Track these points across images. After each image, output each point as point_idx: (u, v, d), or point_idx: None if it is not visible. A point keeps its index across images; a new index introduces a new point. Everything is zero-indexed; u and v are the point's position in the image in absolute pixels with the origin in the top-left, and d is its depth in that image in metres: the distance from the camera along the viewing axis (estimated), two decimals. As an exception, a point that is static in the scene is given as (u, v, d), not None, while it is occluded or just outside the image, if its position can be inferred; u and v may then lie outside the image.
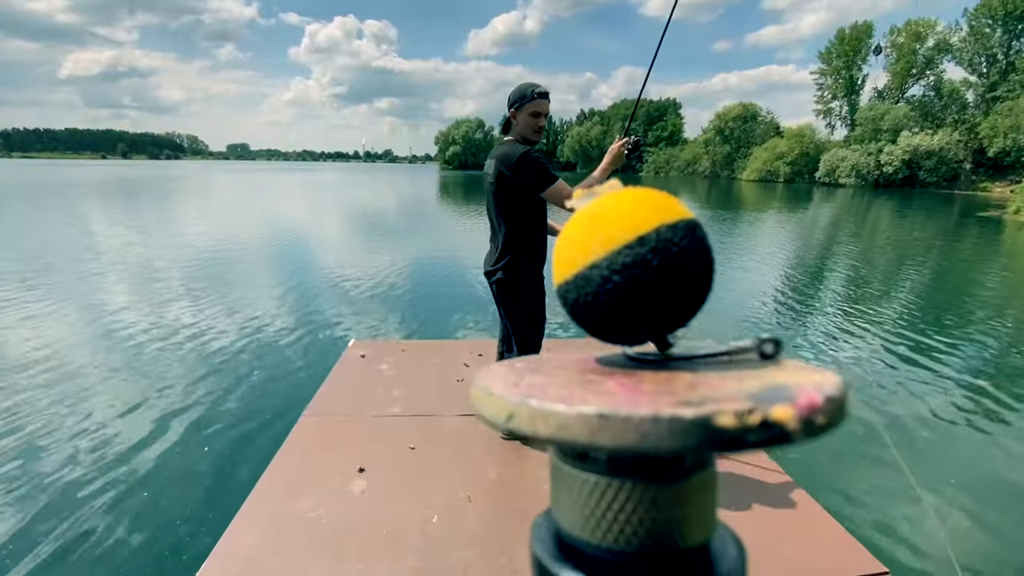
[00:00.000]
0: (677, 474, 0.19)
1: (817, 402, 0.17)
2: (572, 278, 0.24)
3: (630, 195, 0.24)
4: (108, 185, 32.99)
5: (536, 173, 2.08)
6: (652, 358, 0.25)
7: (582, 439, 0.17)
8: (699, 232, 0.24)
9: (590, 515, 0.20)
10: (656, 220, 0.23)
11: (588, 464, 0.20)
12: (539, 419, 0.18)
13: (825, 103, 58.39)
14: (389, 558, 1.76)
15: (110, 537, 2.30)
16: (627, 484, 0.19)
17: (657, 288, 0.23)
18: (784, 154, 53.37)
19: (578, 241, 0.24)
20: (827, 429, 0.17)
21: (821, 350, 4.84)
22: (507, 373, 0.22)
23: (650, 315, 0.23)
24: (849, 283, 7.91)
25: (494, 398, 0.20)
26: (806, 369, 0.21)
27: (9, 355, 4.42)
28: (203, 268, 8.11)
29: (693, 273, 0.23)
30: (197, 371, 4.11)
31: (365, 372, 3.26)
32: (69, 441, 3.07)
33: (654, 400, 0.18)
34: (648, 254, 0.23)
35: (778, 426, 0.16)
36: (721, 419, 0.16)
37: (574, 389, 0.20)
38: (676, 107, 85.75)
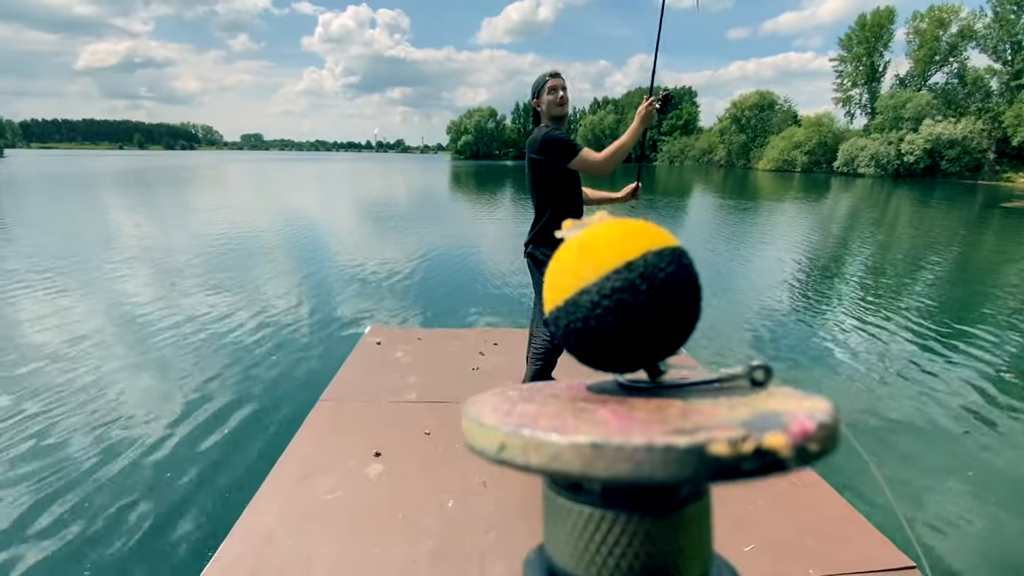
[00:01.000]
0: (672, 505, 0.19)
1: (810, 429, 0.17)
2: (563, 304, 0.24)
3: (618, 225, 0.25)
4: (127, 175, 33.43)
5: (559, 148, 2.20)
6: (644, 385, 0.25)
7: (575, 469, 0.17)
8: (685, 259, 0.24)
9: (584, 549, 0.19)
10: (643, 247, 0.24)
11: (581, 496, 0.20)
12: (531, 450, 0.18)
13: (845, 91, 57.10)
14: (405, 541, 1.77)
15: (132, 514, 2.33)
16: (622, 516, 0.19)
17: (645, 313, 0.23)
18: (802, 143, 52.38)
19: (568, 268, 0.24)
20: (820, 456, 0.17)
21: (839, 342, 4.75)
22: (499, 402, 0.22)
23: (639, 340, 0.23)
24: (869, 274, 7.76)
25: (485, 429, 0.19)
26: (796, 396, 0.21)
27: (35, 341, 4.50)
28: (223, 256, 8.19)
29: (680, 298, 0.23)
30: (218, 356, 4.15)
31: (381, 359, 3.27)
32: (93, 422, 3.12)
33: (647, 429, 0.18)
34: (636, 279, 0.23)
35: (772, 454, 0.16)
36: (715, 447, 0.16)
37: (566, 418, 0.19)
38: (691, 95, 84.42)
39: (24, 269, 7.01)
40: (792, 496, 2.01)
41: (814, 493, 2.04)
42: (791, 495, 2.01)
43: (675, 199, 20.60)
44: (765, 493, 2.01)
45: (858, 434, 3.15)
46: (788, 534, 1.81)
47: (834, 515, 1.92)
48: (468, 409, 0.21)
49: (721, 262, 8.31)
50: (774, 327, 5.13)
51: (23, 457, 2.76)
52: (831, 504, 1.98)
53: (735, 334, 4.91)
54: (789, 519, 1.88)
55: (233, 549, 1.71)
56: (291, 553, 1.71)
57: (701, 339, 4.77)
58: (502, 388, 0.25)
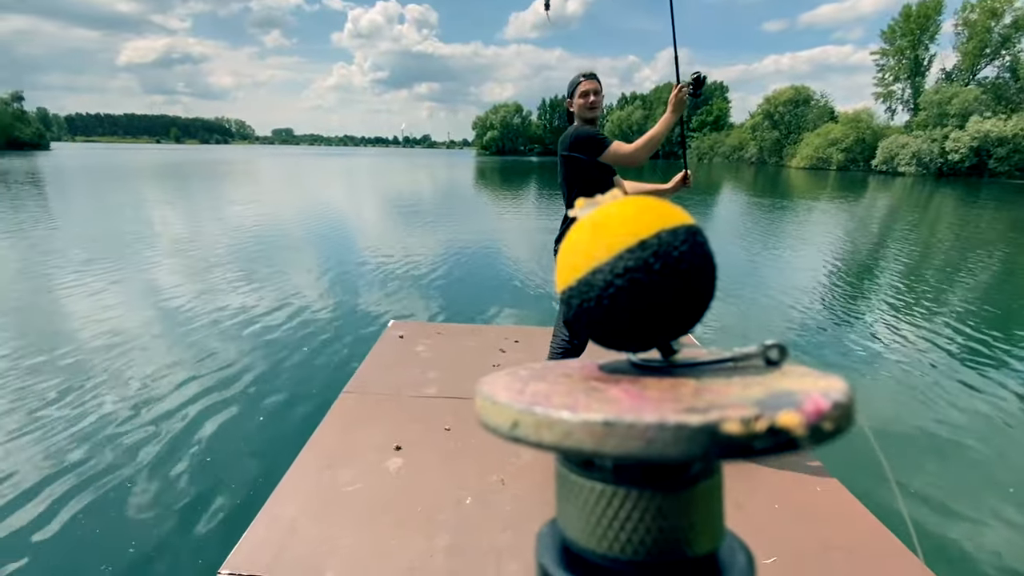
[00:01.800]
0: (683, 482, 0.19)
1: (824, 408, 0.17)
2: (575, 284, 0.24)
3: (632, 202, 0.25)
4: (165, 168, 34.56)
5: (589, 143, 2.23)
6: (656, 364, 0.25)
7: (587, 447, 0.17)
8: (700, 237, 0.24)
9: (596, 524, 0.20)
10: (657, 225, 0.23)
11: (594, 472, 0.20)
12: (544, 427, 0.18)
13: (886, 86, 54.90)
14: (423, 535, 1.79)
15: (157, 499, 2.43)
16: (633, 492, 0.19)
17: (659, 291, 0.23)
18: (838, 140, 50.65)
19: (581, 247, 0.24)
20: (835, 435, 0.17)
21: (871, 348, 4.60)
22: (511, 381, 0.23)
23: (653, 319, 0.23)
24: (907, 276, 7.47)
25: (499, 406, 0.20)
26: (812, 375, 0.21)
27: (77, 325, 4.71)
28: (252, 249, 8.41)
29: (694, 276, 0.23)
30: (245, 346, 4.27)
31: (403, 352, 3.31)
32: (125, 404, 3.25)
33: (659, 407, 0.18)
34: (650, 258, 0.23)
35: (785, 432, 0.16)
36: (727, 426, 0.16)
37: (578, 396, 0.20)
38: (723, 91, 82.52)
39: (68, 257, 7.33)
40: (815, 506, 1.96)
41: (838, 504, 1.98)
42: (814, 505, 1.96)
43: (705, 197, 20.20)
44: (787, 503, 1.97)
45: (886, 443, 3.05)
46: (813, 547, 1.76)
47: (859, 527, 1.86)
48: (481, 388, 0.22)
49: (752, 262, 8.12)
50: (805, 329, 5.00)
51: (61, 435, 2.90)
52: (856, 516, 1.92)
53: (764, 335, 4.80)
54: (813, 531, 1.84)
55: (258, 535, 1.77)
56: (313, 541, 1.75)
57: (727, 340, 4.68)
58: (515, 368, 0.25)
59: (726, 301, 5.92)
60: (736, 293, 6.26)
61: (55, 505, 2.38)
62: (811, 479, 2.11)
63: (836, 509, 1.95)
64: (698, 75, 2.16)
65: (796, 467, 2.18)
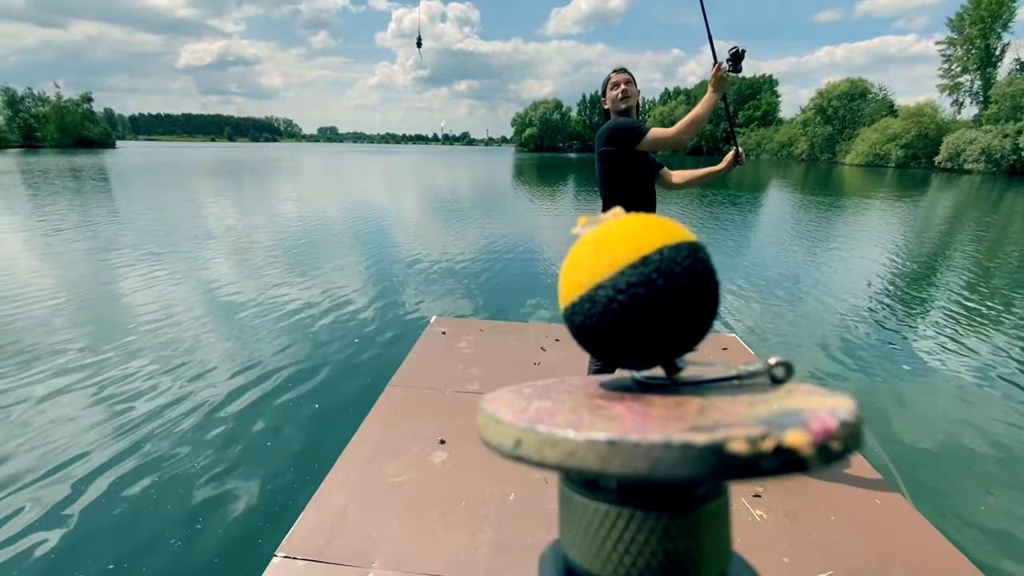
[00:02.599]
0: (690, 503, 0.19)
1: (832, 427, 0.16)
2: (578, 300, 0.24)
3: (633, 219, 0.25)
4: (220, 165, 36.23)
5: (626, 134, 2.20)
6: (661, 382, 0.25)
7: (592, 466, 0.17)
8: (702, 253, 0.24)
9: (600, 546, 0.19)
10: (659, 241, 0.23)
11: (598, 493, 0.19)
12: (547, 446, 0.18)
13: (952, 77, 51.46)
14: (467, 529, 1.82)
15: (219, 482, 2.56)
16: (638, 514, 0.19)
17: (662, 308, 0.23)
18: (898, 135, 47.88)
19: (584, 264, 0.24)
20: (843, 455, 0.16)
21: (933, 357, 4.34)
22: (514, 398, 0.22)
23: (656, 336, 0.23)
24: (971, 283, 7.01)
25: (501, 425, 0.19)
26: (818, 393, 0.20)
27: (142, 318, 5.01)
28: (304, 244, 8.72)
29: (697, 292, 0.23)
30: (297, 338, 4.44)
31: (446, 348, 3.36)
32: (183, 394, 3.44)
33: (664, 426, 0.17)
34: (652, 274, 0.23)
35: (792, 452, 0.16)
36: (733, 445, 0.16)
37: (582, 414, 0.19)
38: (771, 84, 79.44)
39: (138, 250, 7.80)
40: (875, 520, 1.87)
41: (900, 518, 1.89)
42: (873, 518, 1.88)
43: (751, 194, 19.54)
44: (844, 515, 1.89)
45: (952, 460, 2.89)
46: (872, 562, 1.69)
47: (922, 544, 1.77)
48: (484, 406, 0.21)
49: (804, 264, 7.81)
50: (857, 338, 4.78)
51: (129, 417, 3.10)
52: (919, 531, 1.83)
53: (810, 340, 4.61)
54: (871, 545, 1.76)
55: (311, 520, 1.84)
56: (362, 529, 1.81)
57: (774, 343, 4.52)
58: (518, 385, 0.25)
59: (776, 306, 5.72)
60: (787, 298, 6.04)
61: (126, 482, 2.55)
62: (870, 491, 2.02)
63: (897, 523, 1.86)
64: (736, 50, 2.11)
65: (855, 479, 2.10)
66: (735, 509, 1.92)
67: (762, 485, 2.04)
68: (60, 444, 2.85)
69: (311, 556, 1.69)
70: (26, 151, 60.52)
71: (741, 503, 1.95)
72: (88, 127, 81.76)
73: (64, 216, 11.12)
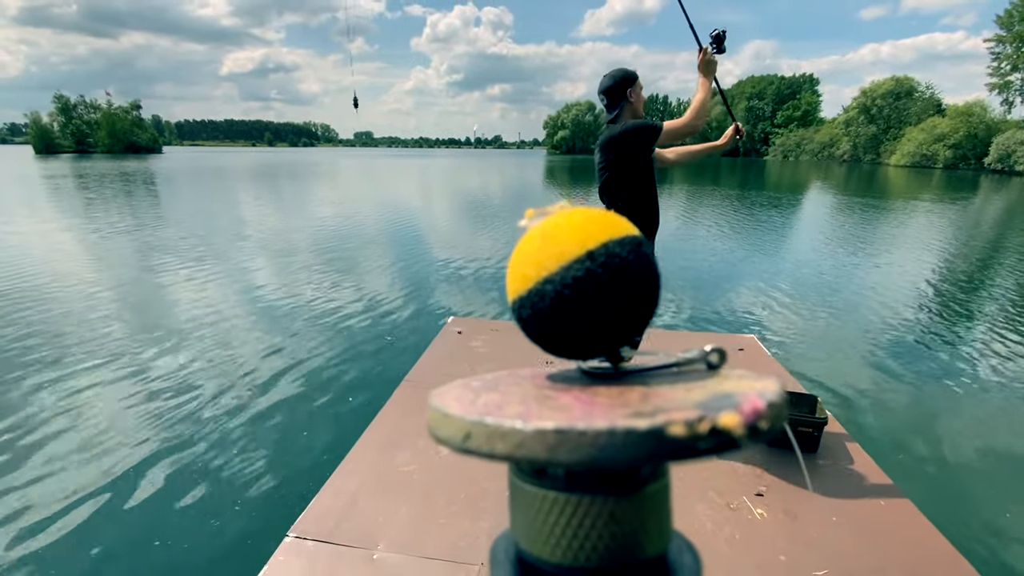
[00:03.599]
0: (633, 486, 0.20)
1: (760, 408, 0.17)
2: (526, 293, 0.25)
3: (579, 214, 0.25)
4: (261, 169, 37.61)
5: (646, 134, 2.23)
6: (606, 372, 0.25)
7: (540, 456, 0.17)
8: (645, 247, 0.25)
9: (550, 533, 0.20)
10: (604, 236, 0.24)
11: (546, 481, 0.20)
12: (496, 438, 0.18)
13: (1002, 75, 48.89)
14: (468, 517, 1.89)
15: (237, 465, 2.71)
16: (585, 499, 0.19)
17: (607, 301, 0.23)
18: (945, 135, 45.80)
19: (531, 257, 0.25)
20: (769, 433, 0.17)
21: (960, 367, 4.18)
22: (462, 391, 0.23)
23: (601, 327, 0.24)
24: (1016, 290, 6.68)
25: (450, 419, 0.20)
26: (749, 377, 0.21)
27: (176, 313, 5.30)
28: (335, 246, 9.00)
29: (640, 286, 0.24)
30: (318, 334, 4.62)
31: (460, 347, 3.46)
32: (208, 383, 3.64)
33: (609, 413, 0.18)
34: (598, 268, 0.23)
35: (726, 433, 0.17)
36: (673, 429, 0.16)
37: (531, 405, 0.20)
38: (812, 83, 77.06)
39: (174, 250, 8.23)
40: (877, 522, 1.86)
41: (904, 521, 1.87)
42: (876, 520, 1.86)
43: (791, 195, 19.02)
44: (846, 516, 1.88)
45: (978, 475, 2.79)
46: (872, 563, 1.68)
47: (923, 547, 1.75)
48: (432, 400, 0.21)
49: (838, 267, 7.59)
50: (882, 341, 4.64)
51: (156, 404, 3.31)
52: (923, 535, 1.80)
53: (837, 344, 4.50)
54: (870, 546, 1.75)
55: (323, 503, 1.95)
56: (371, 513, 1.91)
57: (801, 347, 4.44)
58: (466, 379, 0.25)
59: (805, 309, 5.60)
60: (818, 301, 5.90)
61: (155, 462, 2.73)
62: (876, 494, 2.00)
63: (900, 526, 1.84)
64: (716, 32, 2.22)
65: (861, 481, 2.07)
66: (736, 508, 1.93)
67: (765, 484, 2.05)
68: (102, 424, 3.07)
69: (321, 537, 1.79)
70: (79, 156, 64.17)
71: (742, 501, 1.96)
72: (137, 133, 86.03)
73: (119, 217, 11.79)
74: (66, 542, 2.22)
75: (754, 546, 1.75)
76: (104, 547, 2.19)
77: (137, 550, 2.17)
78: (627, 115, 2.31)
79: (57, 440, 2.95)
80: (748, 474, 2.12)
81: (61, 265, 7.17)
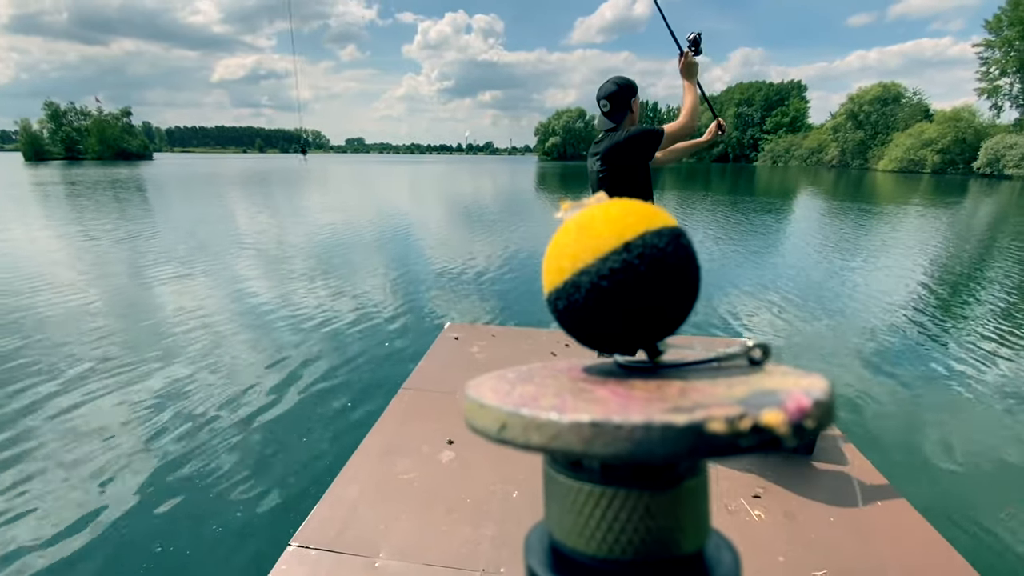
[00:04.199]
0: (670, 481, 0.19)
1: (806, 406, 0.17)
2: (562, 286, 0.24)
3: (616, 205, 0.25)
4: (251, 175, 37.44)
5: (650, 139, 2.27)
6: (643, 366, 0.25)
7: (576, 448, 0.17)
8: (684, 239, 0.24)
9: (584, 525, 0.20)
10: (642, 227, 0.24)
11: (581, 473, 0.20)
12: (532, 429, 0.18)
13: (991, 80, 49.72)
14: (470, 524, 1.90)
15: (238, 474, 2.70)
16: (621, 492, 0.19)
17: (644, 293, 0.23)
18: (933, 140, 46.48)
19: (567, 249, 0.25)
20: (816, 432, 0.17)
21: (963, 373, 4.24)
22: (498, 383, 0.22)
23: (638, 321, 0.24)
24: (1010, 295, 6.78)
25: (486, 409, 0.20)
26: (794, 374, 0.21)
27: (171, 320, 5.27)
28: (329, 253, 8.99)
29: (679, 278, 0.24)
30: (317, 342, 4.61)
31: (458, 353, 3.46)
32: (206, 392, 3.62)
33: (646, 407, 0.18)
34: (635, 260, 0.23)
35: (768, 431, 0.16)
36: (712, 425, 0.16)
37: (566, 398, 0.20)
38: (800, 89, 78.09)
39: (173, 256, 8.17)
40: (875, 522, 1.88)
41: (901, 521, 1.89)
42: (874, 520, 1.89)
43: (781, 200, 19.22)
44: (845, 516, 1.91)
45: (974, 477, 2.83)
46: (870, 563, 1.70)
47: (922, 547, 1.77)
48: (468, 391, 0.21)
49: (830, 271, 7.68)
50: (877, 343, 4.69)
51: (153, 413, 3.28)
52: (920, 534, 1.83)
53: (831, 345, 4.56)
54: (868, 546, 1.77)
55: (324, 512, 1.95)
56: (372, 522, 1.91)
57: (804, 354, 4.48)
58: (501, 370, 0.25)
59: (799, 313, 5.66)
60: (812, 305, 5.96)
61: (156, 472, 2.71)
62: (874, 494, 2.03)
63: (898, 526, 1.86)
64: (693, 36, 2.30)
65: (857, 482, 2.10)
66: (734, 510, 1.95)
67: (762, 486, 2.07)
68: (98, 435, 3.04)
69: (323, 546, 1.79)
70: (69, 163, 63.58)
71: (740, 503, 1.98)
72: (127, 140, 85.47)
73: (106, 225, 11.69)
74: (68, 550, 2.20)
75: (753, 547, 1.77)
76: (106, 555, 2.17)
77: (140, 558, 2.15)
78: (627, 123, 2.32)
79: (53, 450, 2.92)
80: (745, 476, 2.14)
81: (52, 272, 7.10)
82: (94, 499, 2.52)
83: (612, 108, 2.31)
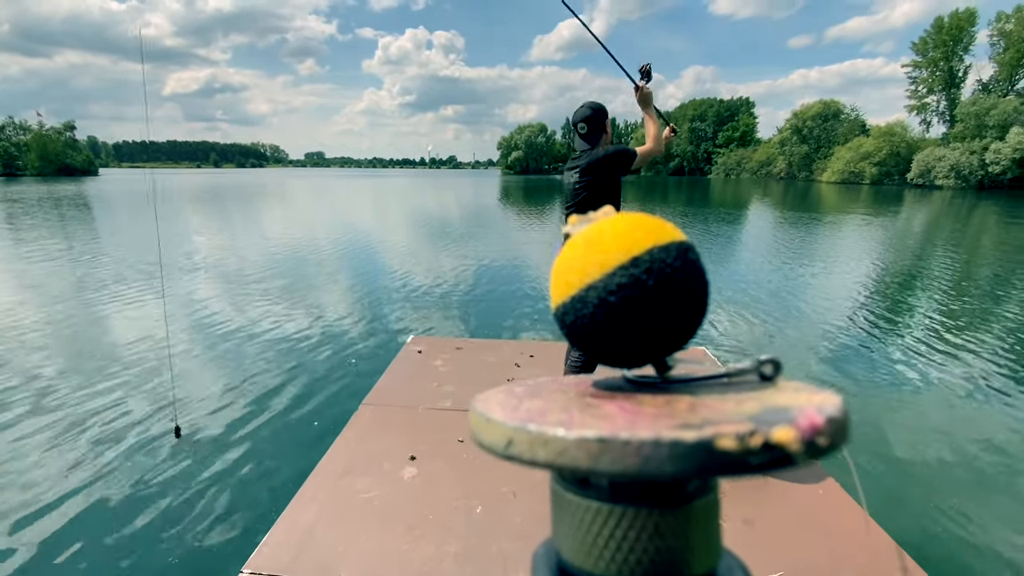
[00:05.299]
0: (680, 499, 0.19)
1: (819, 423, 0.17)
2: (569, 300, 0.24)
3: (624, 219, 0.25)
4: (205, 192, 36.12)
5: (626, 157, 2.42)
6: (651, 381, 0.25)
7: (583, 464, 0.17)
8: (692, 254, 0.24)
9: (592, 543, 0.19)
10: (649, 242, 0.23)
11: (589, 490, 0.19)
12: (538, 445, 0.18)
13: (919, 98, 53.49)
14: (433, 541, 1.85)
15: (185, 501, 2.55)
16: (629, 510, 0.19)
17: (652, 308, 0.23)
18: (871, 154, 49.42)
19: (575, 264, 0.24)
20: (830, 451, 0.17)
21: (906, 370, 4.48)
22: (506, 398, 0.22)
23: (646, 336, 0.23)
24: (946, 295, 7.24)
25: (493, 424, 0.19)
26: (806, 390, 0.20)
27: (108, 341, 4.98)
28: (281, 266, 8.72)
29: (687, 293, 0.23)
30: (271, 358, 4.44)
31: (421, 367, 3.40)
32: (150, 414, 3.42)
33: (654, 423, 0.17)
34: (642, 275, 0.23)
35: (780, 448, 0.16)
36: (722, 442, 0.16)
37: (573, 413, 0.19)
38: (749, 106, 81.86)
39: (115, 274, 7.75)
40: (829, 524, 1.94)
41: (853, 523, 1.96)
42: (828, 523, 1.95)
43: (732, 212, 19.96)
44: (800, 520, 1.96)
45: (920, 470, 2.98)
46: (821, 564, 1.75)
47: (873, 547, 1.84)
48: (475, 405, 0.21)
49: (781, 278, 8.00)
50: (827, 347, 4.91)
51: (88, 440, 3.08)
52: (871, 535, 1.90)
53: (784, 351, 4.73)
54: (824, 548, 1.82)
55: (278, 537, 1.86)
56: (330, 544, 1.83)
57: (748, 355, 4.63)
58: (509, 384, 0.25)
59: (752, 317, 5.85)
60: (764, 310, 6.18)
61: (95, 499, 2.53)
62: (826, 497, 2.09)
63: (850, 528, 1.93)
64: (644, 67, 2.45)
65: (811, 485, 2.17)
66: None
67: (721, 492, 2.11)
68: (39, 463, 2.82)
69: (277, 571, 1.70)
70: (6, 180, 59.83)
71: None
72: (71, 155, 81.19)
73: (45, 245, 11.01)
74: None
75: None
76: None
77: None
78: (604, 143, 2.46)
79: (-24, 487, 2.68)
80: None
81: (-19, 296, 6.61)
82: (34, 528, 2.33)
83: (589, 130, 2.46)
